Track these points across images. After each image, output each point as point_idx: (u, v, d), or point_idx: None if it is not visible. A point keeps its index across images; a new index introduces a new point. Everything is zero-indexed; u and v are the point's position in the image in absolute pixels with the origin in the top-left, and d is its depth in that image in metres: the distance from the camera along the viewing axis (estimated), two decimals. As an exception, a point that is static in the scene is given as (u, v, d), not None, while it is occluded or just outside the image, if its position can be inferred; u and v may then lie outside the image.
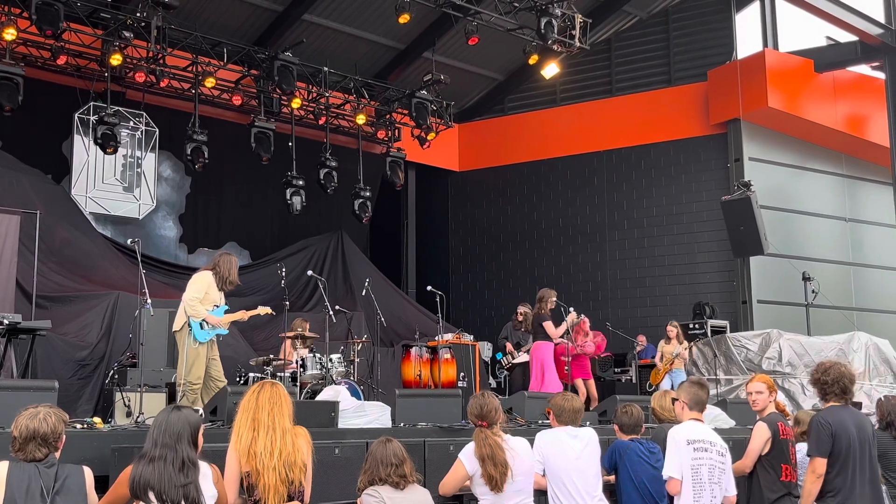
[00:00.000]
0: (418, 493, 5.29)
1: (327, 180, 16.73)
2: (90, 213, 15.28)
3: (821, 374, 5.99)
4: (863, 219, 19.06)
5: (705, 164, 17.97)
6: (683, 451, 5.65)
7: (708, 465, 5.68)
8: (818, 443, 5.78)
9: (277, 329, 13.45)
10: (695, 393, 5.95)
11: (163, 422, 4.49)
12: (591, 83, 19.66)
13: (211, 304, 8.57)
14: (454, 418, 7.99)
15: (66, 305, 12.58)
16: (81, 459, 4.69)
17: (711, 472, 5.67)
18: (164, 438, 4.40)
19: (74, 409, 10.56)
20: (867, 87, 18.70)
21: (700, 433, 5.78)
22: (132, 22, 13.68)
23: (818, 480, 5.76)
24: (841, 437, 5.76)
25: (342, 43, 17.39)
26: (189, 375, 8.33)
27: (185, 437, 4.43)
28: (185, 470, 4.35)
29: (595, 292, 18.49)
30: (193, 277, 8.64)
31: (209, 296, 8.56)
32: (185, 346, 8.29)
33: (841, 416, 5.87)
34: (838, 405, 5.95)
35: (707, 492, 5.63)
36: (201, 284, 8.50)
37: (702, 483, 5.63)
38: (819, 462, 5.77)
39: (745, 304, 17.02)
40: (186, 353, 8.24)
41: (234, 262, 8.89)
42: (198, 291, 8.43)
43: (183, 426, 4.46)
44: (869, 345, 14.64)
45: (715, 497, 5.66)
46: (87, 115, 15.23)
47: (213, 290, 8.60)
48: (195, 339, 8.39)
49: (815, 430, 5.84)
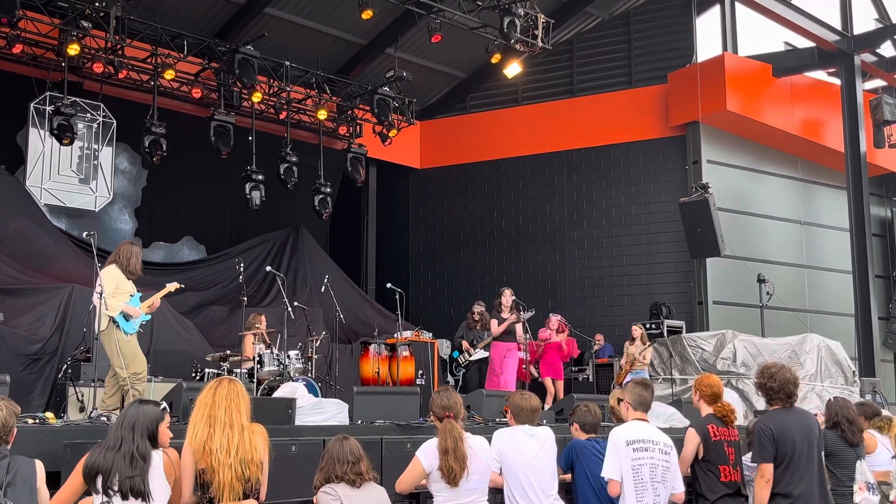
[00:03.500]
0: (375, 491, 5.28)
1: (287, 175, 16.62)
2: (45, 204, 15.05)
3: (766, 379, 6.07)
4: (817, 222, 19.34)
5: (664, 166, 18.13)
6: (622, 451, 5.67)
7: (649, 464, 5.70)
8: (761, 449, 5.90)
9: (235, 325, 13.34)
10: (638, 393, 5.99)
11: (123, 414, 4.58)
12: (552, 83, 19.75)
13: (126, 296, 8.47)
14: (412, 416, 8.01)
15: (19, 298, 12.37)
16: (33, 455, 4.62)
17: (654, 471, 5.70)
18: (121, 431, 4.46)
19: (26, 404, 10.37)
20: (823, 93, 18.98)
21: (641, 433, 5.80)
22: (90, 11, 13.46)
23: (767, 485, 5.86)
24: (785, 440, 5.87)
25: (304, 37, 17.29)
26: (132, 367, 8.29)
27: (139, 429, 4.47)
28: (134, 462, 4.38)
29: (554, 291, 18.59)
30: (101, 274, 8.42)
31: (120, 287, 8.43)
32: (115, 344, 8.23)
33: (783, 419, 5.97)
34: (780, 408, 6.06)
35: (650, 491, 5.65)
36: (109, 280, 8.35)
37: (644, 483, 5.65)
38: (766, 467, 5.87)
39: (701, 304, 17.22)
40: (121, 348, 8.19)
41: (136, 252, 8.68)
42: (107, 287, 8.29)
43: (139, 418, 4.50)
44: (821, 346, 14.84)
45: (659, 496, 5.69)
46: (42, 106, 14.99)
47: (122, 281, 8.47)
48: (125, 332, 8.34)
49: (758, 436, 5.96)
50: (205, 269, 16.30)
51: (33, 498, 4.32)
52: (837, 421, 6.79)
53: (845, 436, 6.79)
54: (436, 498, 5.50)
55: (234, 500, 4.55)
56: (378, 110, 17.02)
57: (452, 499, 5.44)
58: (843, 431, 6.79)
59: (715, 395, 6.42)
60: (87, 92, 15.48)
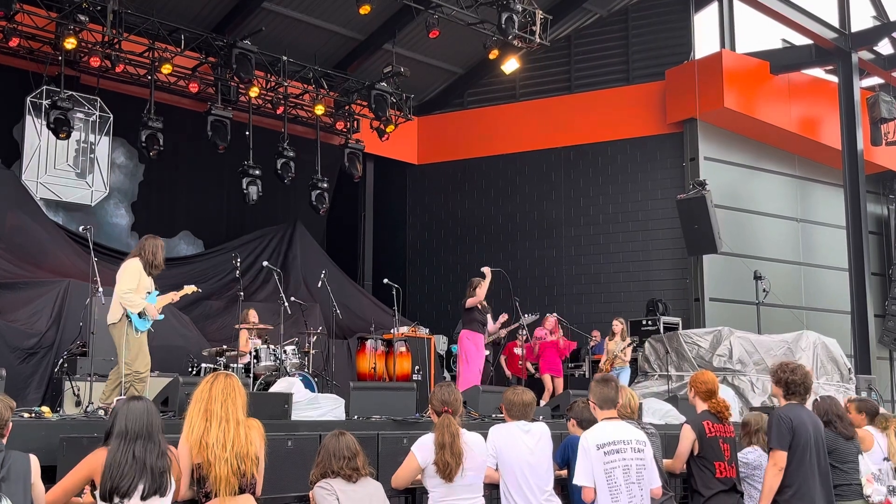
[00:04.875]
0: (371, 486, 5.28)
1: (284, 170, 16.60)
2: (41, 198, 15.03)
3: (788, 373, 6.12)
4: (814, 220, 19.37)
5: (661, 163, 18.14)
6: (593, 456, 5.48)
7: (622, 466, 5.50)
8: (779, 436, 5.92)
9: (232, 319, 13.34)
10: (600, 391, 5.78)
11: (135, 411, 4.50)
12: (550, 79, 19.75)
13: (144, 292, 8.38)
14: (408, 411, 8.00)
15: (15, 292, 12.36)
16: (29, 449, 4.61)
17: (627, 472, 5.50)
18: (137, 444, 4.41)
19: (23, 398, 10.35)
20: (821, 90, 18.99)
21: (611, 434, 5.57)
22: (87, 5, 13.43)
23: (779, 473, 5.88)
24: (801, 432, 5.93)
25: (302, 32, 17.27)
26: (135, 365, 8.19)
27: (155, 433, 4.50)
28: (157, 474, 4.40)
29: (550, 287, 18.60)
30: (122, 268, 8.30)
31: (142, 284, 8.30)
32: (124, 337, 8.15)
33: (800, 413, 6.05)
34: (797, 403, 6.11)
35: (625, 493, 5.45)
36: (132, 274, 8.23)
37: (618, 486, 5.45)
38: (780, 455, 5.89)
39: (698, 301, 17.24)
40: (128, 344, 8.10)
41: (160, 245, 8.53)
42: (130, 283, 8.18)
43: (151, 421, 4.50)
44: (817, 343, 14.86)
45: (634, 497, 5.49)
46: (39, 99, 14.96)
47: (143, 277, 8.32)
48: (136, 329, 8.25)
49: (776, 424, 5.97)
50: (201, 263, 16.28)
51: (28, 493, 4.31)
52: (829, 419, 6.82)
53: (839, 432, 6.81)
54: (431, 493, 5.50)
55: (231, 495, 4.55)
56: (375, 106, 17.01)
57: (448, 494, 5.44)
58: (836, 428, 6.82)
59: (710, 391, 6.41)
60: (84, 86, 15.45)
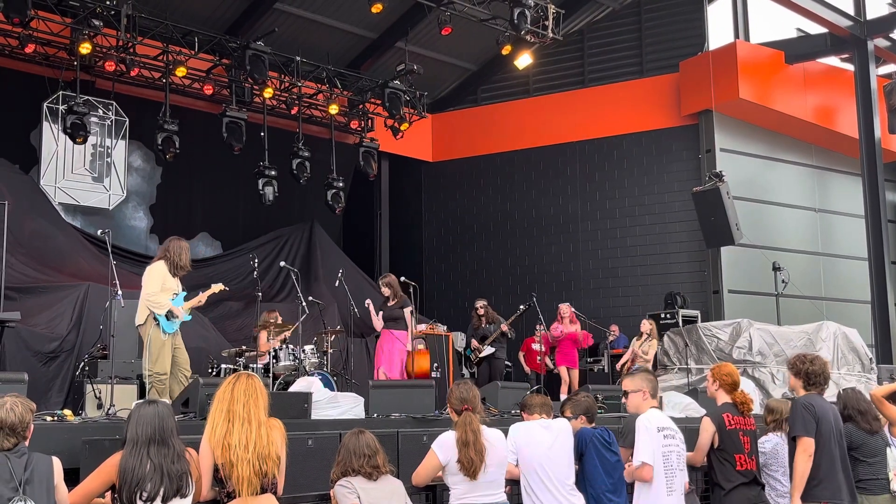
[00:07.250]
0: (391, 484, 5.31)
1: (300, 171, 16.65)
2: (59, 203, 15.13)
3: (808, 363, 6.18)
4: (832, 209, 19.24)
5: (677, 155, 18.06)
6: (655, 437, 5.73)
7: (676, 451, 5.82)
8: (805, 423, 5.96)
9: (251, 319, 13.39)
10: (652, 381, 6.05)
11: (145, 417, 4.54)
12: (563, 74, 19.69)
13: (170, 294, 8.42)
14: (427, 409, 8.01)
15: (35, 297, 12.44)
16: (52, 452, 4.64)
17: (679, 458, 5.83)
18: (154, 449, 4.46)
19: (45, 401, 10.42)
20: (837, 79, 18.85)
21: (666, 421, 5.92)
22: (101, 10, 13.52)
23: (809, 459, 5.92)
24: (823, 421, 5.98)
25: (314, 32, 17.29)
26: (156, 367, 8.23)
27: (171, 437, 4.54)
28: (175, 477, 4.44)
29: (568, 283, 18.56)
30: (147, 271, 8.39)
31: (166, 285, 8.37)
32: (149, 338, 8.19)
33: (822, 403, 6.10)
34: (817, 394, 6.16)
35: (678, 478, 5.77)
36: (157, 277, 8.29)
37: (672, 469, 5.75)
38: (808, 441, 5.93)
39: (717, 293, 17.16)
40: (151, 345, 8.14)
41: (185, 247, 8.64)
42: (155, 285, 8.24)
43: (167, 421, 4.55)
44: (837, 334, 14.75)
45: (679, 484, 5.81)
46: (55, 105, 15.06)
47: (168, 279, 8.40)
48: (163, 331, 8.28)
49: (801, 411, 6.00)
50: (221, 265, 16.33)
51: (51, 495, 4.34)
52: (849, 414, 6.79)
53: (860, 426, 6.77)
54: (453, 490, 5.52)
55: (252, 495, 4.57)
56: (389, 104, 17.02)
57: (471, 491, 5.46)
58: (857, 424, 6.78)
59: (735, 383, 6.46)
60: (100, 90, 15.54)
